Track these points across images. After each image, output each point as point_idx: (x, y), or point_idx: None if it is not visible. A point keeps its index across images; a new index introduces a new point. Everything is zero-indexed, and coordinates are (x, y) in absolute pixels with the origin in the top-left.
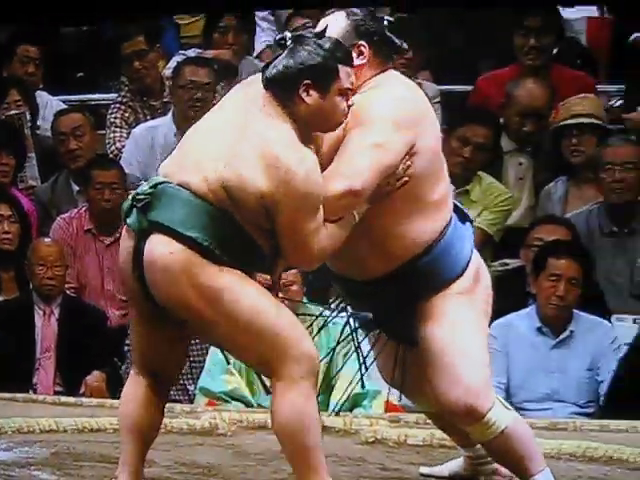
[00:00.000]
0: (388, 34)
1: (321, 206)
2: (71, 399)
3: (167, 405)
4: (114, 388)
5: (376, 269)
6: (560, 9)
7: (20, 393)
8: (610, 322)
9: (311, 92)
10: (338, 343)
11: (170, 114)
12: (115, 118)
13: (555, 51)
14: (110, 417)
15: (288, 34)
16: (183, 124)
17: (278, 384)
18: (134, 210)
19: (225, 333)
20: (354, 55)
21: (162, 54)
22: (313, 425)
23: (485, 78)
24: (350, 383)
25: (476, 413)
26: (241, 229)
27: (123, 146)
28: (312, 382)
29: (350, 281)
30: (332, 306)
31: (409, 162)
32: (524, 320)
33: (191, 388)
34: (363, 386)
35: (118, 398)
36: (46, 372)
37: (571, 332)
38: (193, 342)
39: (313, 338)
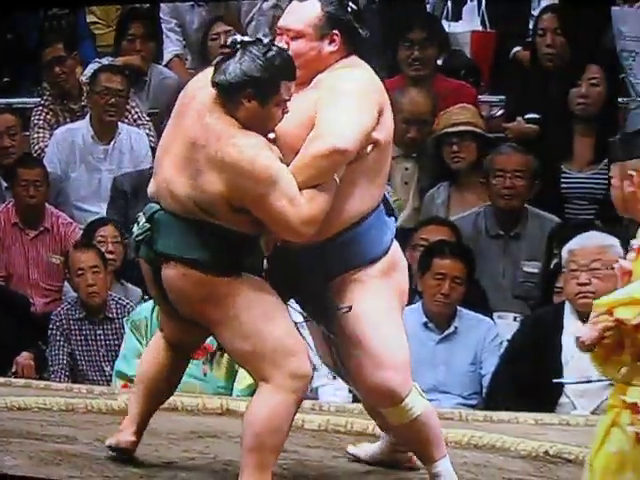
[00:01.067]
0: (355, 24)
1: (288, 179)
2: (0, 379)
3: (88, 387)
4: (40, 368)
5: (318, 233)
6: (445, 23)
7: None
8: (492, 319)
9: (252, 101)
10: None
11: (88, 117)
12: (38, 120)
13: (440, 62)
14: (36, 397)
15: (238, 38)
16: (99, 127)
17: (266, 386)
18: (139, 244)
19: (231, 338)
20: (326, 42)
21: (80, 61)
22: (281, 430)
23: None
24: None
25: (397, 397)
26: (231, 233)
27: (46, 146)
28: (299, 397)
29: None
30: None
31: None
32: (411, 316)
33: (107, 369)
34: None
35: (44, 378)
36: None
37: (455, 328)
38: (109, 325)
39: None
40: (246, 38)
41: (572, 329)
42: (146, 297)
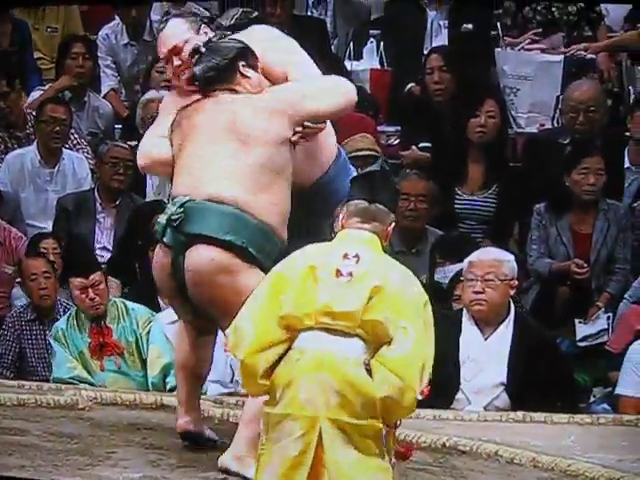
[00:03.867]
0: None
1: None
2: None
3: (37, 384)
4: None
5: (303, 179)
6: (347, 62)
7: None
8: None
9: (246, 69)
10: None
11: (35, 143)
12: None
13: None
14: None
15: (199, 43)
16: (45, 152)
17: None
18: (168, 229)
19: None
20: (202, 37)
21: (25, 93)
22: None
23: None
24: (160, 356)
25: None
26: (262, 225)
27: None
28: None
29: None
30: None
31: None
32: None
33: (39, 368)
34: None
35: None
36: None
37: None
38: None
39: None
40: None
41: (468, 333)
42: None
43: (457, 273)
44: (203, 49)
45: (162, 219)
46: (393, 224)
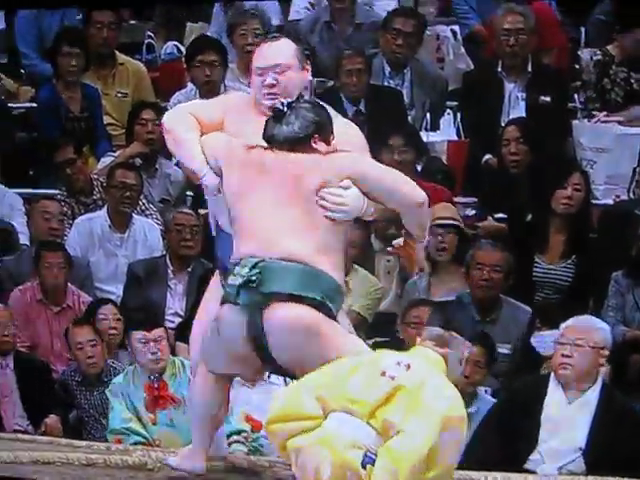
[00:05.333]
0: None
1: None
2: (26, 436)
3: (105, 444)
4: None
5: None
6: (424, 133)
7: None
8: None
9: (319, 143)
10: None
11: (105, 208)
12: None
13: (420, 168)
14: (59, 452)
15: (283, 101)
16: (115, 217)
17: None
18: (242, 291)
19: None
20: (305, 72)
21: (92, 156)
22: None
23: None
24: None
25: None
26: (331, 278)
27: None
28: None
29: None
30: None
31: None
32: None
33: (104, 422)
34: None
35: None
36: (6, 414)
37: None
38: (103, 387)
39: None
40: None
41: (553, 396)
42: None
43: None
44: (286, 107)
45: (235, 281)
46: (467, 352)
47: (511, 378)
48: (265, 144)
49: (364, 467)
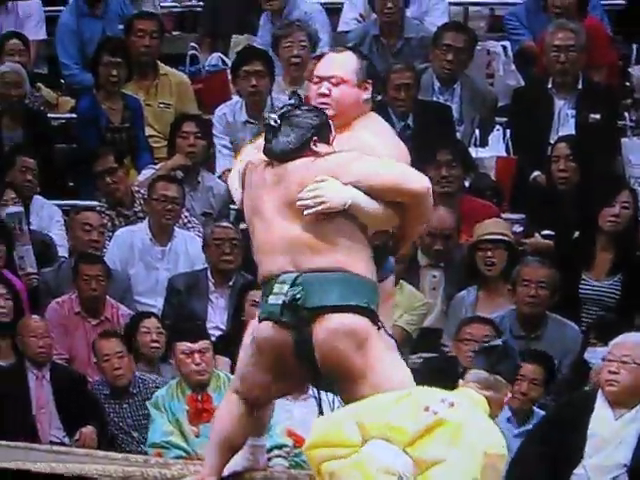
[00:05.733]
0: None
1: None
2: (63, 448)
3: (144, 457)
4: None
5: None
6: (473, 149)
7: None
8: None
9: (319, 145)
10: None
11: (146, 221)
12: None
13: (468, 184)
14: (96, 464)
15: (273, 115)
16: (157, 230)
17: None
18: (285, 311)
19: (362, 388)
20: (362, 90)
21: (133, 168)
22: None
23: None
24: None
25: None
26: (369, 280)
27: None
28: None
29: None
30: None
31: None
32: None
33: (135, 435)
34: None
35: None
36: (42, 425)
37: None
38: (131, 399)
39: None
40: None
41: (600, 411)
42: None
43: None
44: (278, 120)
45: (277, 299)
46: (510, 395)
47: (557, 394)
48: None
49: None
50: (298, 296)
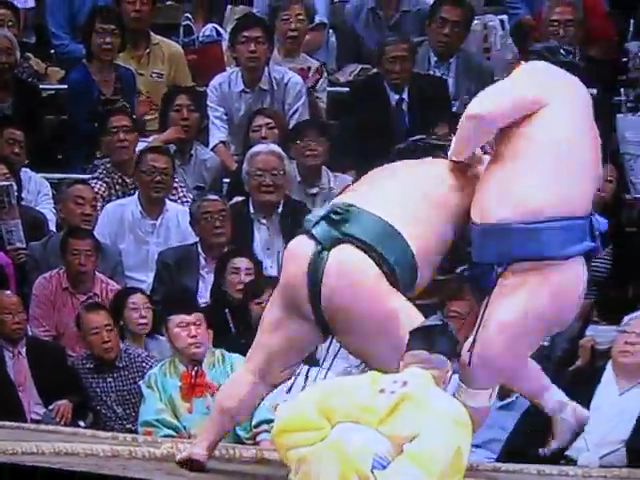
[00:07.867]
0: None
1: None
2: (49, 427)
3: (132, 435)
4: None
5: None
6: None
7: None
8: None
9: None
10: None
11: (136, 194)
12: None
13: None
14: (83, 443)
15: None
16: (147, 203)
17: None
18: (322, 223)
19: (365, 335)
20: None
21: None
22: None
23: None
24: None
25: None
26: (410, 249)
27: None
28: None
29: None
30: None
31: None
32: None
33: (119, 411)
34: None
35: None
36: (25, 403)
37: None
38: (117, 374)
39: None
40: None
41: (605, 386)
42: None
43: None
44: None
45: (319, 212)
46: (451, 371)
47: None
48: None
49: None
50: (338, 213)
